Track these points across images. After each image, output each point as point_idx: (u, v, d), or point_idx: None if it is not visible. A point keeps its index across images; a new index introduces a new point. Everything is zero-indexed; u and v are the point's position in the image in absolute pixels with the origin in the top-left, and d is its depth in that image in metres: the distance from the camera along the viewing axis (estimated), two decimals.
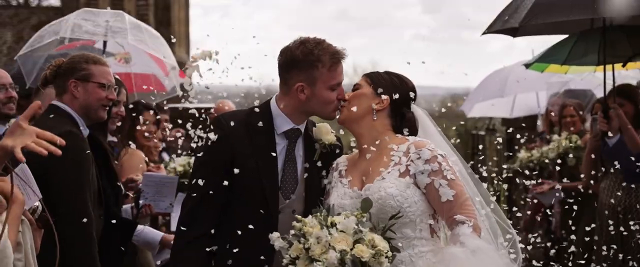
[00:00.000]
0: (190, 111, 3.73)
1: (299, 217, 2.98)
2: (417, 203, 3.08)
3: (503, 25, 5.64)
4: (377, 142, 3.21)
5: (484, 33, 5.94)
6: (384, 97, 3.23)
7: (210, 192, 3.19)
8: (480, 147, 10.33)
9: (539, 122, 8.63)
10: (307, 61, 3.21)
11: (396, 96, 3.24)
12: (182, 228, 3.25)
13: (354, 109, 3.23)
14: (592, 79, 7.13)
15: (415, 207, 3.08)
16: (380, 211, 3.03)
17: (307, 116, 3.35)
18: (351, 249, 2.84)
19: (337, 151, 3.43)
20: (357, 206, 3.05)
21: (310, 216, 2.97)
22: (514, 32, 6.18)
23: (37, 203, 2.82)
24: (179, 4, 18.21)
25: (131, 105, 5.24)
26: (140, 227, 4.05)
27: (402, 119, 3.27)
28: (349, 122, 3.29)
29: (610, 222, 5.47)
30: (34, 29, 14.68)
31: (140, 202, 4.23)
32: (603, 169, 5.84)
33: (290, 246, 2.93)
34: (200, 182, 3.19)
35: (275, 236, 2.98)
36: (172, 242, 3.91)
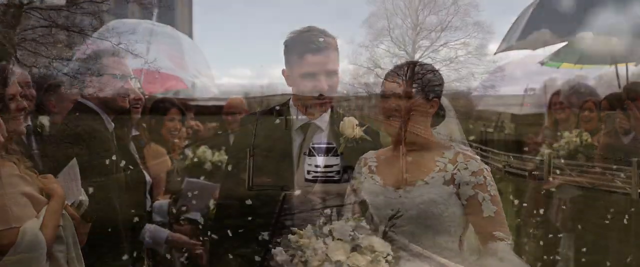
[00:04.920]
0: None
1: (295, 229, 2.89)
2: (456, 214, 2.98)
3: (504, 46, 5.75)
4: (418, 143, 3.06)
5: (495, 53, 5.99)
6: (433, 99, 3.06)
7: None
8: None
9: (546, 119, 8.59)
10: (286, 46, 3.37)
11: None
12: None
13: (418, 129, 3.03)
14: (605, 77, 7.11)
15: (453, 217, 2.98)
16: (420, 216, 2.93)
17: (307, 108, 3.39)
18: (348, 258, 2.75)
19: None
20: (391, 205, 2.96)
21: (309, 226, 2.88)
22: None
23: (82, 197, 2.88)
24: (182, 3, 18.20)
25: (161, 105, 5.28)
26: (147, 225, 4.09)
27: (437, 114, 3.12)
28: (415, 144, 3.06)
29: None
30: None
31: (179, 204, 4.29)
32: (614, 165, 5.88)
33: (293, 258, 2.84)
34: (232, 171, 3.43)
35: (278, 251, 2.86)
36: (178, 241, 4.06)
